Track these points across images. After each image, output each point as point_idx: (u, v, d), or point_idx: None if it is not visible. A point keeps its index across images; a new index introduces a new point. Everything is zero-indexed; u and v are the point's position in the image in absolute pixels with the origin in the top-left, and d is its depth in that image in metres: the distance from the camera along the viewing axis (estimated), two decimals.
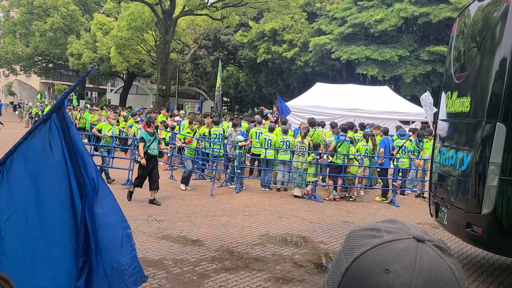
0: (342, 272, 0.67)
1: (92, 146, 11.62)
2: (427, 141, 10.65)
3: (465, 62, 5.67)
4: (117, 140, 12.60)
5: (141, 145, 8.52)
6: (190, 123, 12.34)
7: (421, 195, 10.89)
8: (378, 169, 10.60)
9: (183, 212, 8.03)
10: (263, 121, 12.67)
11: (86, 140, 14.56)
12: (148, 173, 8.57)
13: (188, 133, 10.62)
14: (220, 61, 22.12)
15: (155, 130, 8.92)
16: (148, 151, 8.53)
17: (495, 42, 4.78)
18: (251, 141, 11.43)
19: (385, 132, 10.84)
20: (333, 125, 11.25)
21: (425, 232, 0.68)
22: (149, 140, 8.58)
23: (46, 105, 29.75)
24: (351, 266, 0.66)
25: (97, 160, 10.74)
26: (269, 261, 5.63)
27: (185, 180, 10.40)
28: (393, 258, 0.63)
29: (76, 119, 20.42)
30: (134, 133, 13.25)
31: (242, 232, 6.91)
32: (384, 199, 10.28)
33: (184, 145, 10.80)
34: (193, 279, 4.87)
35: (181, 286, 4.67)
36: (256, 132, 11.50)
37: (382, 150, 10.23)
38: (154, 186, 8.59)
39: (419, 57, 22.19)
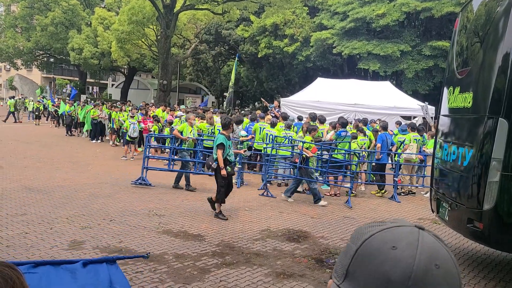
0: (351, 255, 0.74)
1: (173, 150, 10.76)
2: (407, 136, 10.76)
3: (468, 57, 5.64)
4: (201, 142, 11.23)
5: (219, 152, 7.24)
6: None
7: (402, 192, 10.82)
8: (374, 164, 10.58)
9: (183, 207, 8.03)
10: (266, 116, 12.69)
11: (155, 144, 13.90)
12: (228, 182, 7.49)
13: (311, 141, 9.51)
14: (237, 59, 22.01)
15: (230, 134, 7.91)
16: (228, 157, 7.38)
17: (498, 37, 4.75)
18: (253, 137, 11.42)
19: (384, 127, 10.85)
20: (322, 120, 11.34)
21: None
22: (229, 145, 7.44)
23: (48, 100, 29.73)
24: (360, 247, 0.73)
25: (178, 165, 10.31)
26: (269, 256, 5.64)
27: (292, 192, 9.27)
28: (400, 238, 0.72)
29: (77, 114, 20.39)
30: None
31: (242, 227, 6.91)
32: (381, 191, 10.30)
33: (312, 155, 9.48)
34: (194, 274, 4.88)
35: (182, 281, 4.67)
36: (260, 128, 11.49)
37: (379, 145, 10.23)
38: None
39: (421, 52, 22.11)
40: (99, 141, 18.12)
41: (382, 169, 10.59)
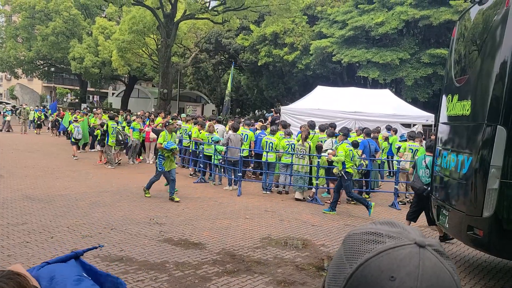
0: (346, 277, 0.68)
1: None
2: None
3: (466, 65, 5.69)
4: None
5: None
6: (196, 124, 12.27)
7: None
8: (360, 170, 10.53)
9: (184, 215, 8.04)
10: (255, 124, 12.84)
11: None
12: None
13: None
14: (233, 67, 22.21)
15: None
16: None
17: (496, 45, 4.80)
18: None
19: (367, 133, 11.01)
20: (322, 128, 11.34)
21: (423, 235, 0.70)
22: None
23: (48, 109, 29.83)
24: (355, 272, 0.67)
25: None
26: (270, 264, 5.64)
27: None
28: (398, 265, 0.64)
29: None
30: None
31: (243, 235, 6.92)
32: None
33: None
34: (194, 282, 4.88)
35: None
36: (242, 134, 11.60)
37: (360, 151, 10.31)
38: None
39: (420, 60, 22.21)
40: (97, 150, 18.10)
41: (367, 175, 10.63)
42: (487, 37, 4.99)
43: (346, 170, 8.90)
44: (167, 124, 10.04)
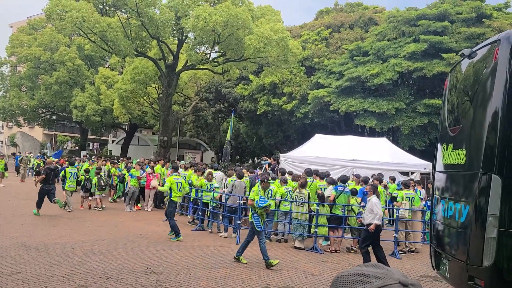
0: None
1: None
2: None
3: (459, 115, 5.85)
4: None
5: None
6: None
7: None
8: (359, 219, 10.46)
9: (182, 264, 7.91)
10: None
11: None
12: None
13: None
14: (233, 116, 22.77)
15: None
16: None
17: (486, 96, 4.97)
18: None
19: (365, 181, 11.05)
20: (322, 176, 11.44)
21: (405, 275, 0.77)
22: None
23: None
24: None
25: None
26: None
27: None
28: None
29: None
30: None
31: (242, 285, 6.78)
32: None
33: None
34: None
35: None
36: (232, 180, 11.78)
37: (359, 199, 10.31)
38: None
39: (415, 110, 22.64)
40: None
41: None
42: (478, 89, 5.18)
43: (171, 199, 10.27)
44: (265, 180, 9.05)
